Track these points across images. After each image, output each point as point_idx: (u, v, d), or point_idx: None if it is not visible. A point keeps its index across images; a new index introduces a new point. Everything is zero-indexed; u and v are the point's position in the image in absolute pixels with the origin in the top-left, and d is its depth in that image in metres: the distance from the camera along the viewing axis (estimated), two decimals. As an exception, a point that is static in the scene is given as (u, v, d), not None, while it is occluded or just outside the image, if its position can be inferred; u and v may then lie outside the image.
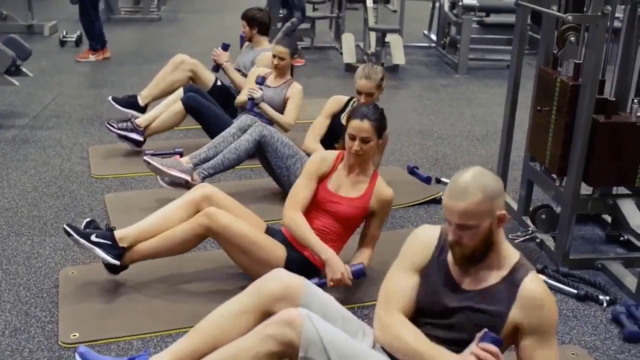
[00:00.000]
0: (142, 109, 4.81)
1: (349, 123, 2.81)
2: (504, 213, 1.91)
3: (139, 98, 4.84)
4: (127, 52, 7.61)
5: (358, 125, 2.77)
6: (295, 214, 2.81)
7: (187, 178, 3.56)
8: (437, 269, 2.02)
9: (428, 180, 4.20)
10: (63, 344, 2.49)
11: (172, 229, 2.77)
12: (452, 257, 1.98)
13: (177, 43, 8.03)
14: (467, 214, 1.86)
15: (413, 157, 4.68)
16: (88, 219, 2.89)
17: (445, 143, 5.01)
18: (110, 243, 2.73)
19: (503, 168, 3.73)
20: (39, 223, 3.48)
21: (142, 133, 4.39)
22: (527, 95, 3.59)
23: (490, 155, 4.69)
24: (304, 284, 2.12)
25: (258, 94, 4.15)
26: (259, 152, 3.69)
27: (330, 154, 2.96)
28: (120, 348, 2.50)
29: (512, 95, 3.59)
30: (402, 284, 2.03)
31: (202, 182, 3.53)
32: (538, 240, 3.41)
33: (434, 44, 8.36)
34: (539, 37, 3.72)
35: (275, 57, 4.20)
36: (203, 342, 2.07)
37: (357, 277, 2.74)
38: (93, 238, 2.72)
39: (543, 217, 3.44)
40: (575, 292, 2.97)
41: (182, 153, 4.02)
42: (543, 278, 3.00)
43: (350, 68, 6.91)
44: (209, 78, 4.84)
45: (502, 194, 1.91)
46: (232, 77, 4.75)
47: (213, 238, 2.79)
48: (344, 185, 2.87)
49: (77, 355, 2.21)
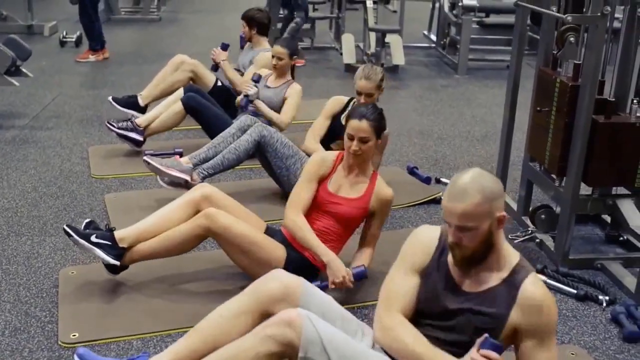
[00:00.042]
0: (142, 110, 4.81)
1: (348, 123, 2.82)
2: (504, 214, 1.91)
3: (139, 98, 4.84)
4: (127, 52, 7.61)
5: (356, 125, 2.77)
6: (297, 216, 2.81)
7: (186, 178, 3.56)
8: (437, 270, 2.02)
9: (428, 181, 4.20)
10: (63, 344, 2.50)
11: (172, 230, 2.77)
12: (452, 258, 1.98)
13: (177, 43, 8.03)
14: (466, 216, 1.85)
15: (413, 157, 4.69)
16: (88, 220, 2.90)
17: (445, 143, 5.02)
18: (110, 243, 2.74)
19: (503, 168, 3.73)
20: (39, 223, 3.48)
21: (142, 133, 4.39)
22: (526, 96, 3.59)
23: (490, 156, 4.69)
24: (303, 285, 2.12)
25: (252, 91, 4.16)
26: (259, 152, 3.70)
27: (330, 155, 2.96)
28: (120, 348, 2.50)
29: (511, 96, 3.60)
30: (402, 285, 2.03)
31: (201, 182, 3.54)
32: (538, 241, 3.41)
33: (434, 45, 8.36)
34: (539, 37, 3.72)
35: (274, 57, 4.21)
36: (203, 342, 2.08)
37: (358, 279, 2.75)
38: (93, 239, 2.73)
39: (543, 217, 3.45)
40: (575, 292, 2.98)
41: (182, 153, 4.03)
42: (543, 278, 3.01)
43: (350, 68, 6.91)
44: (210, 79, 4.84)
45: (501, 196, 1.91)
46: (228, 75, 4.78)
47: (213, 239, 2.80)
48: (344, 186, 2.87)
49: (75, 357, 2.22)
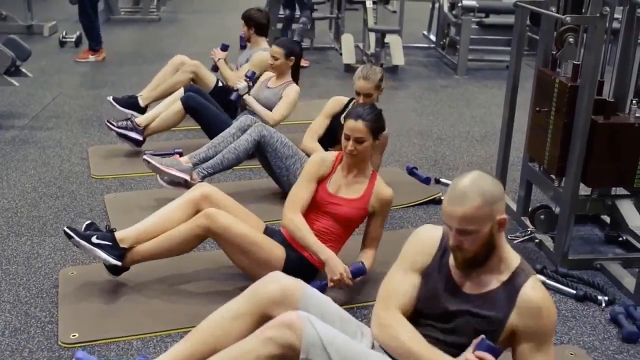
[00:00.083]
0: (142, 110, 4.79)
1: (345, 123, 2.83)
2: (505, 217, 1.90)
3: (140, 99, 4.84)
4: (126, 52, 7.61)
5: (352, 125, 2.78)
6: (295, 215, 2.81)
7: (186, 177, 3.56)
8: (438, 271, 2.02)
9: (427, 181, 4.20)
10: (63, 344, 2.50)
11: (171, 230, 2.77)
12: (453, 260, 1.98)
13: (177, 43, 8.03)
14: (466, 219, 1.85)
15: (412, 157, 4.69)
16: (88, 222, 2.89)
17: (445, 144, 5.02)
18: (111, 244, 2.74)
19: (502, 169, 3.73)
20: (39, 223, 3.49)
21: (141, 132, 4.39)
22: (526, 96, 3.59)
23: (490, 156, 4.69)
24: (302, 287, 2.11)
25: (241, 85, 4.22)
26: (259, 152, 3.70)
27: (330, 155, 2.97)
28: (120, 348, 2.50)
29: (511, 96, 3.60)
30: (402, 283, 2.03)
31: (201, 181, 3.54)
32: (537, 241, 3.41)
33: (434, 45, 8.35)
34: (538, 38, 3.72)
35: (271, 57, 4.23)
36: (203, 343, 2.08)
37: (356, 276, 2.74)
38: (94, 240, 2.73)
39: (542, 217, 3.45)
40: (574, 292, 2.98)
41: (181, 153, 4.03)
42: (542, 278, 3.01)
43: (350, 69, 6.91)
44: (211, 79, 4.85)
45: (502, 198, 1.90)
46: (223, 73, 4.85)
47: (213, 239, 2.80)
48: (343, 187, 2.87)
49: None
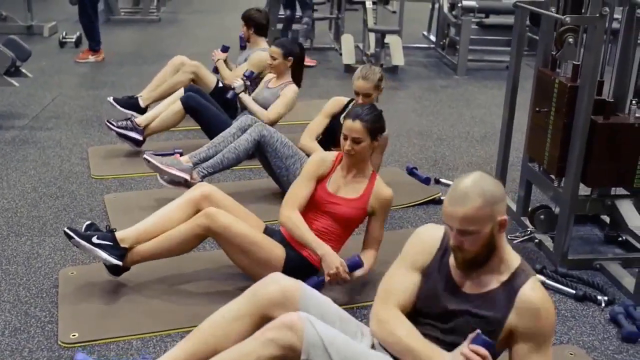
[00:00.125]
0: (142, 111, 4.79)
1: (344, 123, 2.84)
2: (505, 219, 1.90)
3: (140, 100, 4.85)
4: (126, 52, 7.61)
5: (350, 125, 2.79)
6: (292, 212, 2.81)
7: (186, 177, 3.56)
8: (438, 271, 2.02)
9: (427, 181, 4.20)
10: (63, 344, 2.50)
11: (172, 230, 2.77)
12: (454, 260, 1.98)
13: (177, 44, 8.03)
14: (467, 220, 1.85)
15: (412, 158, 4.69)
16: (88, 222, 2.89)
17: (445, 144, 5.02)
18: (112, 244, 2.74)
19: (502, 169, 3.74)
20: (39, 223, 3.49)
21: (141, 132, 4.39)
22: (526, 97, 3.59)
23: (489, 156, 4.70)
24: (302, 288, 2.12)
25: (237, 83, 4.25)
26: (259, 152, 3.70)
27: (330, 155, 2.97)
28: (120, 348, 2.50)
29: (510, 97, 3.60)
30: (401, 281, 2.04)
31: (201, 181, 3.54)
32: (537, 241, 3.41)
33: (433, 45, 8.36)
34: (538, 38, 3.72)
35: (270, 57, 4.23)
36: (204, 343, 2.08)
37: (353, 269, 2.73)
38: (94, 240, 2.72)
39: (542, 217, 3.45)
40: (574, 292, 2.98)
41: (182, 154, 4.02)
42: (541, 278, 3.01)
43: (350, 69, 6.91)
44: (211, 80, 4.86)
45: (503, 199, 1.90)
46: (222, 73, 4.88)
47: (213, 238, 2.80)
48: (343, 186, 2.88)
49: None
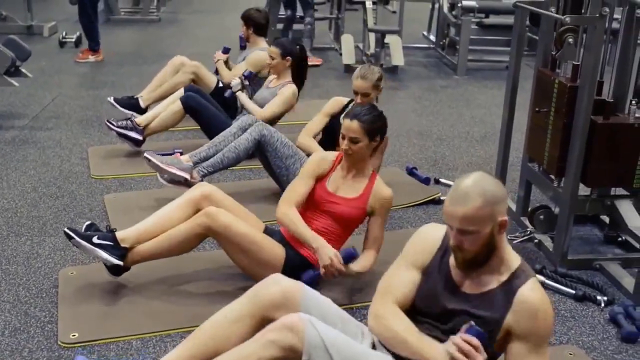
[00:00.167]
0: (143, 111, 4.79)
1: (342, 122, 2.85)
2: (506, 219, 1.90)
3: (140, 100, 4.84)
4: (126, 52, 7.61)
5: (347, 125, 2.80)
6: (289, 209, 2.82)
7: (186, 176, 3.57)
8: (438, 271, 2.03)
9: (427, 181, 4.20)
10: (62, 344, 2.50)
11: (172, 230, 2.77)
12: (454, 260, 1.98)
13: (177, 44, 8.03)
14: (467, 219, 1.85)
15: (412, 158, 4.69)
16: (88, 223, 2.89)
17: (444, 144, 5.02)
18: (112, 244, 2.74)
19: (502, 169, 3.74)
20: (39, 223, 3.49)
21: (141, 132, 4.39)
22: (525, 97, 3.59)
23: (489, 156, 4.70)
24: (302, 289, 2.12)
25: (234, 82, 4.29)
26: (259, 151, 3.70)
27: (330, 155, 2.98)
28: (120, 348, 2.50)
29: (510, 97, 3.60)
30: (400, 278, 2.05)
31: (201, 180, 3.54)
32: (536, 241, 3.41)
33: (433, 45, 8.35)
34: (538, 38, 3.72)
35: (269, 56, 4.24)
36: (205, 344, 2.08)
37: (347, 260, 2.73)
38: (95, 240, 2.72)
39: (541, 217, 3.45)
40: (573, 292, 2.98)
41: (182, 153, 4.02)
42: (541, 278, 3.02)
43: (350, 69, 6.90)
44: (211, 80, 4.86)
45: (503, 200, 1.90)
46: (221, 73, 4.89)
47: (213, 238, 2.80)
48: (342, 186, 2.88)
49: None
